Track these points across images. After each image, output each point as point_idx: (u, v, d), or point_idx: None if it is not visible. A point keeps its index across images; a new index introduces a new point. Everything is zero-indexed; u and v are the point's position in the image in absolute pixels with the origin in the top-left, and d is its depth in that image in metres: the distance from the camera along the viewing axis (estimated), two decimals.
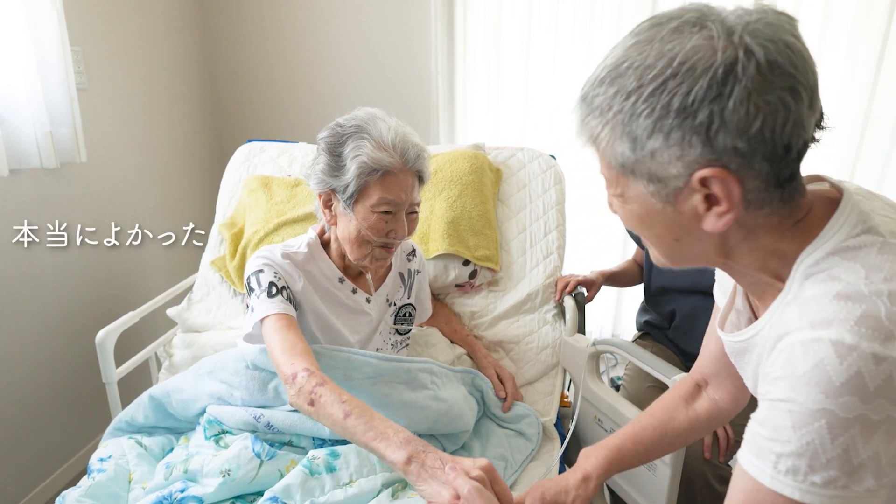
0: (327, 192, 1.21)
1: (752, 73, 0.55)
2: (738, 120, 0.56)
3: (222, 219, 1.84)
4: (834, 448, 0.56)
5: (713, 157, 0.58)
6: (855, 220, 0.63)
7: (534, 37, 2.61)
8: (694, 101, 0.56)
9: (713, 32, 0.57)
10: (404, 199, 1.18)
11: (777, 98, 0.56)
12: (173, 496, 1.04)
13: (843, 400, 0.55)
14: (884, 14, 2.34)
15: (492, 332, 1.63)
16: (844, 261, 0.61)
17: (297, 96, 2.82)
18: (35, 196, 1.86)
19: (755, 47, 0.56)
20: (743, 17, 0.58)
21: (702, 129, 0.57)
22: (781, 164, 0.59)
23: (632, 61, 0.59)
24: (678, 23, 0.58)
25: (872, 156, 2.53)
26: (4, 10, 1.63)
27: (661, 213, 0.65)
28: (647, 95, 0.58)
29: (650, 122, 0.59)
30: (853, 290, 0.58)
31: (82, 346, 2.06)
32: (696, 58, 0.56)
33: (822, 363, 0.56)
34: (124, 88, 2.26)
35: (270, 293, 1.15)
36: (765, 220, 0.64)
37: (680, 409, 0.97)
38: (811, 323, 0.58)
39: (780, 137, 0.57)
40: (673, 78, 0.57)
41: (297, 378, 1.01)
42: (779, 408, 0.59)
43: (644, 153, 0.61)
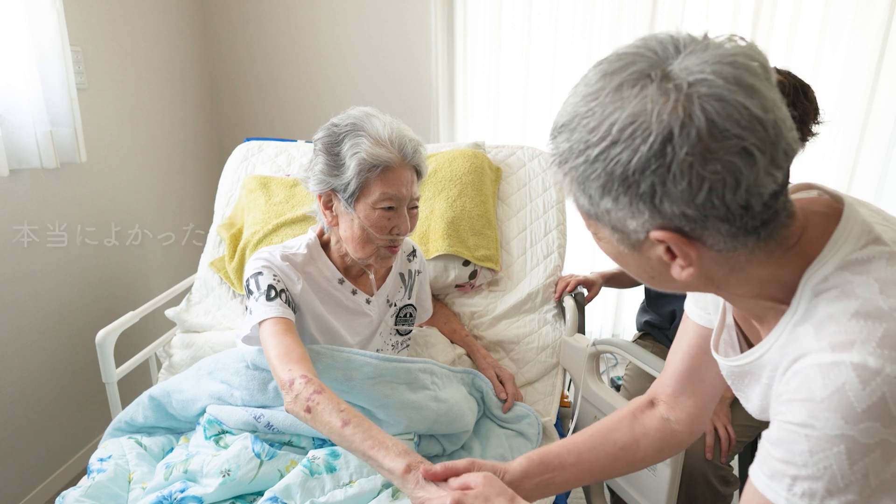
0: (328, 193, 1.20)
1: (693, 143, 0.52)
2: (682, 191, 0.54)
3: (221, 219, 1.84)
4: (853, 473, 0.54)
5: (663, 222, 0.57)
6: (859, 232, 0.60)
7: (534, 36, 2.61)
8: (635, 172, 0.54)
9: (651, 94, 0.53)
10: (405, 194, 1.18)
11: (725, 164, 0.52)
12: (173, 496, 1.04)
13: (864, 426, 0.53)
14: (884, 14, 2.34)
15: (492, 332, 1.63)
16: (855, 275, 0.58)
17: (297, 96, 2.82)
18: (35, 196, 1.86)
19: (695, 112, 0.52)
20: (689, 70, 0.53)
21: (646, 197, 0.55)
22: (744, 220, 0.56)
23: (580, 117, 0.57)
24: (622, 78, 0.55)
25: (872, 156, 2.53)
26: (4, 10, 1.63)
27: (632, 257, 0.64)
28: (593, 159, 0.56)
29: (599, 185, 0.57)
30: (872, 308, 0.55)
31: (82, 346, 2.06)
32: (634, 125, 0.53)
33: (842, 388, 0.54)
34: (124, 88, 2.26)
35: (269, 296, 1.14)
36: (748, 258, 0.61)
37: (625, 420, 0.93)
38: (831, 345, 0.56)
39: (732, 202, 0.54)
40: (615, 145, 0.55)
41: (294, 385, 1.01)
42: (795, 431, 0.57)
43: (601, 209, 0.60)
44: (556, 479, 0.89)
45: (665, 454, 0.93)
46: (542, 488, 0.88)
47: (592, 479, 0.92)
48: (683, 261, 0.59)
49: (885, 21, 2.34)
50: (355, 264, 1.28)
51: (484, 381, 1.42)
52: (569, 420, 1.59)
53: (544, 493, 0.89)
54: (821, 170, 2.58)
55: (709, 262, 0.60)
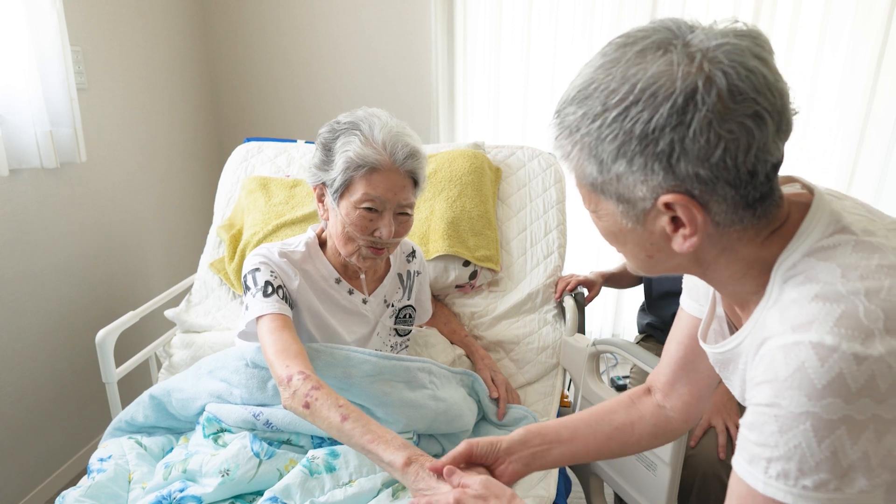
0: (320, 186, 1.23)
1: (713, 101, 0.55)
2: (699, 148, 0.56)
3: (220, 220, 1.84)
4: (821, 451, 0.56)
5: (676, 184, 0.59)
6: (827, 221, 0.63)
7: (534, 36, 2.61)
8: (655, 129, 0.57)
9: (675, 58, 0.57)
10: (390, 198, 1.17)
11: (739, 126, 0.56)
12: (172, 496, 1.04)
13: (826, 402, 0.55)
14: (884, 14, 2.34)
15: (492, 332, 1.63)
16: (820, 261, 0.61)
17: (297, 96, 2.82)
18: (35, 196, 1.86)
19: (717, 74, 0.56)
20: (708, 40, 0.57)
21: (663, 156, 0.58)
22: (748, 189, 0.59)
23: (598, 84, 0.59)
24: (644, 45, 0.58)
25: (872, 156, 2.53)
26: (4, 10, 1.63)
27: (633, 232, 0.66)
28: (611, 121, 0.58)
29: (614, 147, 0.59)
30: (831, 291, 0.58)
31: (82, 346, 2.06)
32: (657, 85, 0.56)
33: (803, 366, 0.56)
34: (124, 88, 2.26)
35: (266, 292, 1.15)
36: (740, 235, 0.64)
37: (622, 403, 0.96)
38: (791, 327, 0.59)
39: (742, 164, 0.57)
40: (635, 104, 0.57)
41: (291, 381, 1.01)
42: (764, 413, 0.59)
43: (610, 175, 0.61)
44: (551, 450, 0.91)
45: (660, 440, 0.95)
46: (538, 458, 0.90)
47: (587, 456, 0.94)
48: (690, 227, 0.61)
49: (885, 21, 2.34)
50: (351, 264, 1.28)
51: (482, 385, 1.42)
52: None
53: (540, 464, 0.91)
54: (821, 170, 2.58)
55: (705, 238, 0.63)
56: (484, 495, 0.79)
